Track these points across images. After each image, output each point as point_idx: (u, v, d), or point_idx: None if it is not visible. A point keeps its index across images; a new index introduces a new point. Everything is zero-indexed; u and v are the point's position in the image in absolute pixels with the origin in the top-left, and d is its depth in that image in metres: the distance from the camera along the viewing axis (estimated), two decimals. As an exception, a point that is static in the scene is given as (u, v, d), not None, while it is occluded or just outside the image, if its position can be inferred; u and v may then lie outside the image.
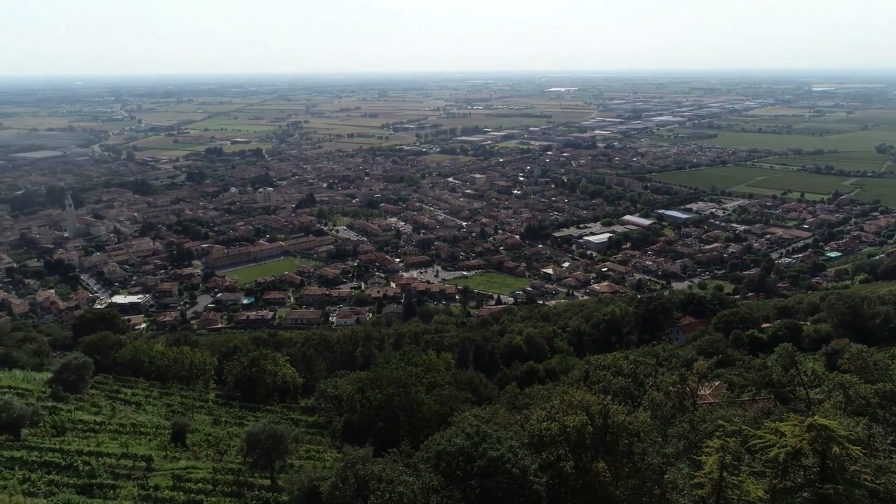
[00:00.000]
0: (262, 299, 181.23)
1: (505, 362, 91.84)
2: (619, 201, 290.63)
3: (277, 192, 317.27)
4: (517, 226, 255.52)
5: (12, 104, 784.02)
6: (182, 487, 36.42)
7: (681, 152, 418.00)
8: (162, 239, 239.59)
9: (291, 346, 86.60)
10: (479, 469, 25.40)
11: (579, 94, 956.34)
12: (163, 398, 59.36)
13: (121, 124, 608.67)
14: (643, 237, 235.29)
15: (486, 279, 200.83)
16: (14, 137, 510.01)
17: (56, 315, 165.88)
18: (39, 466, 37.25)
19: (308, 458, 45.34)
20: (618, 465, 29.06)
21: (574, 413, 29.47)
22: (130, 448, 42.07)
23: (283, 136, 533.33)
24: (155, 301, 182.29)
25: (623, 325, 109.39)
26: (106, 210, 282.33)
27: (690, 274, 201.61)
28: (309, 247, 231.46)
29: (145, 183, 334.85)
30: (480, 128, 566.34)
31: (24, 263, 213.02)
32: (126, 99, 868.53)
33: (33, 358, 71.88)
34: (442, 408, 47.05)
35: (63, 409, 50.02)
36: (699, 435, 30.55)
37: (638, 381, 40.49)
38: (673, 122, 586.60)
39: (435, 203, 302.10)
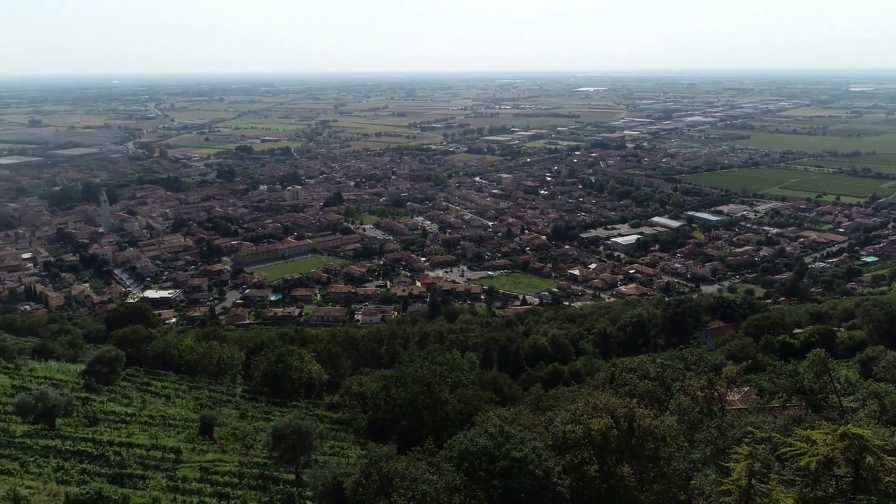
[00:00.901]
0: (289, 296, 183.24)
1: (529, 363, 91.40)
2: (647, 203, 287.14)
3: (305, 191, 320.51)
4: (544, 226, 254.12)
5: (51, 102, 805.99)
6: (209, 480, 37.05)
7: (712, 153, 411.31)
8: (192, 235, 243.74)
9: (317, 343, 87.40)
10: (502, 469, 25.32)
11: (608, 93, 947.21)
12: (191, 392, 60.45)
13: (154, 122, 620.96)
14: (672, 239, 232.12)
15: (512, 279, 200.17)
16: (53, 135, 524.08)
17: (90, 308, 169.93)
18: (72, 455, 38.24)
19: (332, 454, 45.72)
20: (643, 470, 28.71)
21: (599, 416, 29.20)
22: (160, 440, 42.93)
23: (311, 134, 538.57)
24: (185, 296, 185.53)
25: (650, 328, 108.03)
26: (139, 206, 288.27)
27: (720, 277, 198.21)
28: (336, 245, 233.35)
29: (177, 180, 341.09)
30: (508, 127, 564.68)
31: (60, 257, 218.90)
32: (160, 97, 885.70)
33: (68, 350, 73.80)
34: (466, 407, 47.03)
35: (96, 401, 51.27)
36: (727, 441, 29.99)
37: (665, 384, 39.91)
38: (704, 123, 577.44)
39: (461, 202, 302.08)
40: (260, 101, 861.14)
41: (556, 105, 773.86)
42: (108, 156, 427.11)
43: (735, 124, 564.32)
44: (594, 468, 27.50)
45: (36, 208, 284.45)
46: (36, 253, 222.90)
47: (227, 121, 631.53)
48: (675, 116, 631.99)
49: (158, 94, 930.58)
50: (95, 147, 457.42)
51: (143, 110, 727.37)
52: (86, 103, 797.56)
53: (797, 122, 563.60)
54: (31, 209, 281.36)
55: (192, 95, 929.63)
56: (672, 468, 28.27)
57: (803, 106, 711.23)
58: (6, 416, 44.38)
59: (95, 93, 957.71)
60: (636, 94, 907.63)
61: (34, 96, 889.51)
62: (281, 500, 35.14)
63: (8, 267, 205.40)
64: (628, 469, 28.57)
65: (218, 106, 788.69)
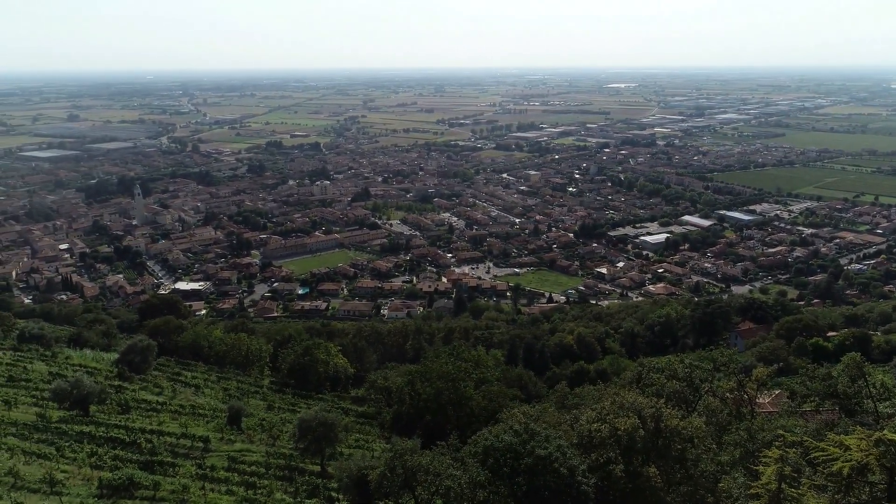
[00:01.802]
0: (316, 290, 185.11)
1: (555, 361, 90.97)
2: (678, 201, 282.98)
3: (334, 186, 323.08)
4: (571, 224, 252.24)
5: (89, 97, 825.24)
6: (237, 469, 37.68)
7: (745, 152, 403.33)
8: (223, 228, 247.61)
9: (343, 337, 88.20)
10: (526, 466, 25.23)
11: (639, 90, 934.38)
12: (220, 382, 61.46)
13: (187, 117, 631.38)
14: (702, 238, 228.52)
15: (538, 277, 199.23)
16: (89, 129, 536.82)
17: (123, 299, 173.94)
18: (106, 442, 39.22)
19: (357, 447, 46.12)
20: (670, 471, 28.36)
21: (625, 415, 28.91)
22: (189, 428, 43.77)
23: (340, 130, 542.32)
24: (215, 288, 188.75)
25: (678, 328, 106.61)
26: (171, 200, 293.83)
27: (752, 278, 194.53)
28: (363, 240, 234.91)
29: (208, 174, 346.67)
30: (536, 124, 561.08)
31: (95, 249, 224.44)
32: (193, 93, 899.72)
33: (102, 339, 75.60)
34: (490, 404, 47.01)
35: (128, 389, 52.50)
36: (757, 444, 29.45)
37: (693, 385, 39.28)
38: (738, 120, 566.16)
39: (488, 199, 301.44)
40: (290, 96, 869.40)
41: (586, 101, 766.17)
42: (143, 150, 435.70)
43: (770, 122, 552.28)
44: (620, 468, 27.22)
45: (73, 200, 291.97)
46: (72, 244, 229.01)
47: (258, 116, 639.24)
48: (707, 114, 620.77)
49: (192, 90, 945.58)
50: (130, 141, 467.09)
51: (176, 105, 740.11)
52: (122, 98, 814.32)
53: (835, 120, 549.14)
54: (68, 201, 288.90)
55: (224, 91, 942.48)
56: (699, 470, 27.86)
57: (841, 104, 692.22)
58: (43, 401, 45.73)
59: (131, 88, 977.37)
60: (668, 91, 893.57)
61: (72, 91, 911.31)
62: (306, 491, 35.57)
63: (46, 257, 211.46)
64: (654, 470, 28.23)
65: (249, 101, 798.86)
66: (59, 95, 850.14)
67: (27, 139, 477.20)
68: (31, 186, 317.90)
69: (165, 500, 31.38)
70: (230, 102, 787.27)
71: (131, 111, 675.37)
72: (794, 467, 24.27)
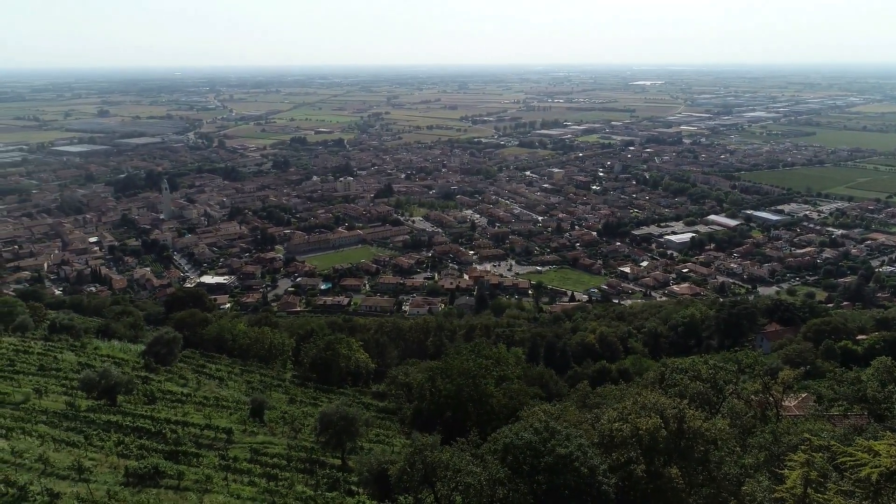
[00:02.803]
0: (338, 285, 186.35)
1: (576, 360, 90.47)
2: (703, 200, 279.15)
3: (357, 182, 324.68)
4: (595, 222, 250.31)
5: (118, 93, 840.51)
6: (259, 461, 38.13)
7: (773, 150, 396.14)
8: (248, 223, 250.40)
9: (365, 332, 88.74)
10: (546, 465, 25.14)
11: (665, 87, 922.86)
12: (243, 375, 62.24)
13: (214, 113, 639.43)
14: (728, 238, 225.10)
15: (561, 275, 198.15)
16: (119, 124, 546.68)
17: (150, 291, 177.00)
18: (132, 431, 39.98)
19: (377, 441, 46.38)
20: (692, 472, 28.05)
21: (647, 415, 28.66)
22: (213, 420, 44.40)
23: (364, 126, 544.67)
24: (239, 283, 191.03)
25: (703, 329, 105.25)
26: (198, 194, 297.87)
27: (779, 279, 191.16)
28: (385, 236, 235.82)
29: (234, 170, 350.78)
30: (560, 121, 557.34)
31: (123, 242, 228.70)
32: (219, 89, 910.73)
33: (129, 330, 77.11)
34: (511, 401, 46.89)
35: (154, 380, 53.46)
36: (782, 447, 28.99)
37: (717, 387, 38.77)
38: (766, 119, 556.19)
39: (511, 196, 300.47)
40: (315, 93, 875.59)
41: (611, 99, 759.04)
42: (170, 145, 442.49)
43: (800, 120, 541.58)
44: (641, 468, 27.01)
45: (102, 194, 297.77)
46: (102, 237, 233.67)
47: (283, 112, 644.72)
48: (735, 112, 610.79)
49: (218, 86, 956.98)
50: (158, 136, 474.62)
51: (203, 101, 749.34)
52: (150, 94, 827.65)
53: (867, 119, 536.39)
54: (98, 195, 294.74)
55: (250, 87, 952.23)
56: (723, 472, 27.53)
57: (875, 102, 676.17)
58: (72, 391, 46.79)
59: (159, 84, 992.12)
60: (695, 89, 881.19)
61: (103, 87, 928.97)
62: (327, 484, 35.84)
63: (76, 250, 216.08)
64: (676, 471, 27.95)
65: (274, 98, 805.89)
66: (90, 91, 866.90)
67: (59, 134, 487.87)
68: (63, 180, 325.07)
69: (189, 490, 31.88)
70: (256, 99, 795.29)
71: (159, 107, 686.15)
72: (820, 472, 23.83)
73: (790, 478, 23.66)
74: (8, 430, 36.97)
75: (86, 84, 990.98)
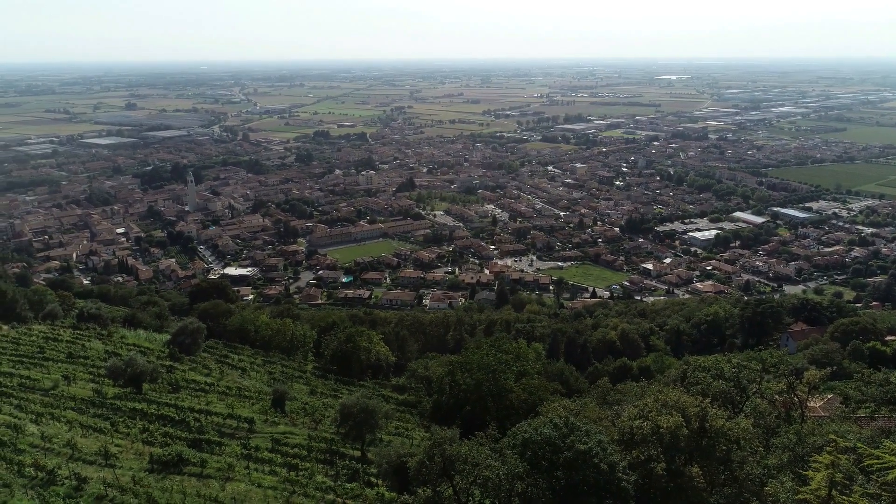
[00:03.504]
0: (360, 278, 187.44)
1: (597, 357, 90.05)
2: (729, 197, 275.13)
3: (379, 176, 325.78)
4: (617, 218, 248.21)
5: (146, 86, 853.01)
6: (280, 450, 38.59)
7: (802, 147, 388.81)
8: (271, 216, 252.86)
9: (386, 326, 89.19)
10: (565, 461, 25.04)
11: (692, 82, 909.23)
12: (265, 366, 62.92)
13: (238, 106, 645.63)
14: (754, 236, 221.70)
15: (582, 271, 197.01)
16: (146, 117, 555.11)
17: (175, 282, 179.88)
18: (157, 419, 40.75)
19: (397, 434, 46.62)
20: (713, 472, 27.73)
21: (669, 413, 28.36)
22: (235, 410, 45.03)
23: (386, 120, 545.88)
24: (262, 274, 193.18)
25: (726, 328, 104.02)
26: (222, 187, 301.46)
27: (806, 278, 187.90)
28: (406, 230, 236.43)
29: (258, 163, 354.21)
30: (584, 116, 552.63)
31: (150, 233, 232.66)
32: (244, 83, 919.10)
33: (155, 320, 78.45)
34: (530, 397, 46.76)
35: (178, 369, 54.33)
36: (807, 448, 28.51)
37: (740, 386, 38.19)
38: (795, 114, 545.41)
39: (533, 191, 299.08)
40: (338, 86, 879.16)
41: (636, 93, 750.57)
42: (196, 138, 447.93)
43: (830, 116, 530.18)
44: (661, 466, 26.74)
45: (129, 186, 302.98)
46: (128, 228, 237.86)
47: (307, 106, 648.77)
48: (763, 107, 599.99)
49: (243, 80, 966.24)
50: (184, 129, 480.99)
51: (228, 95, 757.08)
52: (176, 88, 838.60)
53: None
54: (125, 187, 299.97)
55: (274, 81, 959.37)
56: (745, 472, 27.16)
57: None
58: (100, 378, 47.78)
59: (185, 78, 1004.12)
60: (722, 83, 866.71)
61: (131, 81, 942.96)
62: (346, 475, 36.15)
63: (104, 241, 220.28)
64: (698, 470, 27.65)
65: (298, 91, 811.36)
66: (118, 85, 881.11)
67: (88, 127, 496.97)
68: (92, 172, 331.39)
69: (212, 478, 32.40)
70: (280, 92, 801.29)
71: (185, 100, 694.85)
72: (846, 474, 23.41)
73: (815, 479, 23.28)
74: (38, 415, 37.92)
75: (114, 78, 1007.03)
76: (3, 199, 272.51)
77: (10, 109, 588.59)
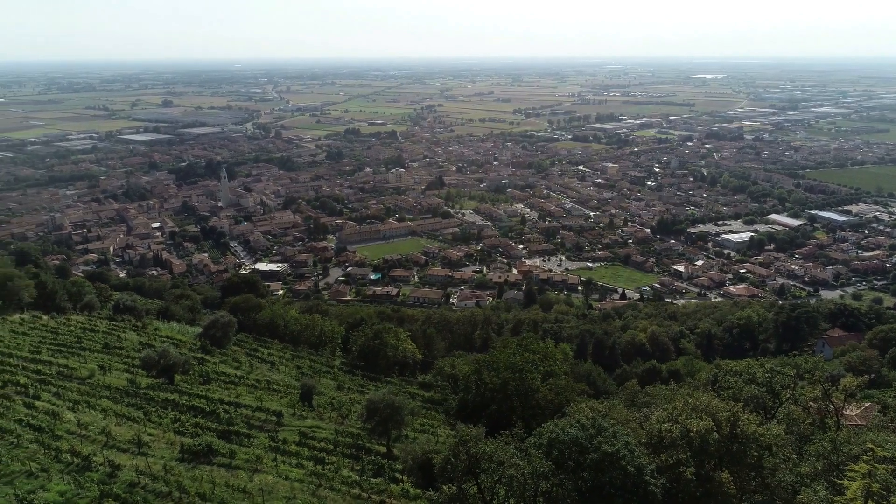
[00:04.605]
0: (388, 276, 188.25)
1: (625, 359, 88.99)
2: (765, 198, 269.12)
3: (408, 174, 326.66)
4: (648, 219, 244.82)
5: (182, 84, 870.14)
6: (307, 444, 39.03)
7: (842, 148, 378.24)
8: (301, 213, 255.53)
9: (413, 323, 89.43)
10: (591, 462, 24.81)
11: (727, 81, 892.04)
12: (294, 360, 63.72)
13: (271, 104, 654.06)
14: (790, 239, 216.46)
15: (612, 272, 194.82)
16: (181, 114, 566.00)
17: (208, 276, 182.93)
18: (188, 410, 41.54)
19: (422, 431, 46.73)
20: (744, 478, 27.18)
21: (699, 417, 27.90)
22: (264, 403, 45.68)
23: (416, 118, 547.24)
24: (292, 270, 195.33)
25: (760, 332, 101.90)
26: (254, 183, 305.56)
27: (843, 283, 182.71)
28: (435, 228, 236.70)
29: (289, 160, 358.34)
30: (616, 115, 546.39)
31: (184, 228, 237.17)
32: (277, 81, 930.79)
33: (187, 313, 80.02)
34: (557, 397, 46.44)
35: (209, 361, 55.32)
36: (842, 457, 27.77)
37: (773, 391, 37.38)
38: (835, 114, 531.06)
39: (563, 191, 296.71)
40: (369, 85, 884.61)
41: (669, 92, 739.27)
42: (229, 135, 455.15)
43: (872, 116, 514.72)
44: (690, 471, 26.31)
45: (165, 181, 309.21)
46: (163, 223, 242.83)
47: (338, 104, 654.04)
48: (801, 107, 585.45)
49: (276, 78, 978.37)
50: (218, 126, 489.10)
51: (261, 93, 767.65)
52: (211, 86, 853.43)
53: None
54: (160, 182, 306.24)
55: (307, 79, 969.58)
56: (777, 479, 26.57)
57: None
58: (134, 368, 48.93)
59: (220, 76, 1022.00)
60: (758, 83, 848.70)
61: (167, 78, 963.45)
62: (372, 470, 36.38)
63: (140, 234, 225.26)
64: (728, 475, 27.14)
65: (330, 89, 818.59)
66: (155, 82, 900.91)
67: (126, 123, 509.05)
68: (129, 168, 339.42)
69: (240, 469, 32.92)
70: (311, 90, 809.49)
71: (220, 98, 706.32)
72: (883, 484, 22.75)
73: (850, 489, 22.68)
74: (74, 403, 39.01)
75: (152, 75, 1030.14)
76: (46, 193, 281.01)
77: (53, 106, 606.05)
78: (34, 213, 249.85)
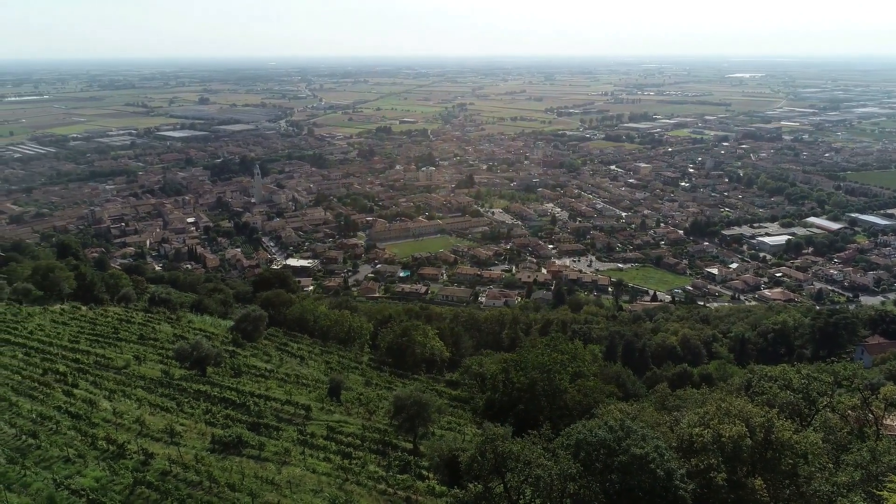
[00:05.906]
0: (416, 274, 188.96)
1: (656, 362, 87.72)
2: (803, 201, 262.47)
3: (438, 172, 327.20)
4: (682, 220, 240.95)
5: (218, 82, 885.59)
6: (335, 438, 39.37)
7: (886, 149, 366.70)
8: (332, 210, 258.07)
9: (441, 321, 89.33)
10: (620, 464, 24.47)
11: (765, 80, 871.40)
12: (323, 355, 64.35)
13: (304, 102, 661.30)
14: (829, 243, 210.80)
15: (643, 273, 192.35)
16: (217, 112, 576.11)
17: (240, 271, 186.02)
18: (219, 401, 42.29)
19: (449, 429, 46.76)
20: (778, 486, 26.51)
21: (731, 422, 27.28)
22: (293, 396, 46.21)
23: (448, 117, 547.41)
24: (322, 266, 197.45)
25: (796, 338, 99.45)
26: (286, 180, 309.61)
27: (885, 288, 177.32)
28: (464, 227, 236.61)
29: (321, 157, 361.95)
30: (650, 114, 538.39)
31: (217, 223, 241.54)
32: (310, 79, 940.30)
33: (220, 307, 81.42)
34: (585, 398, 45.96)
35: (240, 354, 56.23)
36: (882, 467, 26.87)
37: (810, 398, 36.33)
38: (879, 115, 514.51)
39: (594, 191, 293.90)
40: (401, 83, 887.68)
41: (705, 91, 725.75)
42: (263, 132, 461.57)
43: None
44: (722, 476, 25.76)
45: (200, 178, 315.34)
46: (198, 218, 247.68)
47: (370, 102, 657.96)
48: (843, 107, 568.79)
49: (309, 76, 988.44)
50: (252, 124, 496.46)
51: (294, 91, 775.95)
52: (246, 83, 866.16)
53: None
54: (196, 178, 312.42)
55: (339, 77, 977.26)
56: (812, 488, 25.85)
57: None
58: (167, 360, 49.99)
59: (255, 74, 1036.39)
60: (798, 82, 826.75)
61: (204, 76, 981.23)
62: (398, 467, 36.54)
63: (175, 229, 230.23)
64: (761, 482, 26.51)
65: (362, 87, 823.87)
66: (192, 80, 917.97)
67: (164, 120, 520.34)
68: (166, 164, 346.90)
69: (269, 461, 33.38)
70: (344, 88, 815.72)
71: (254, 95, 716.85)
72: (925, 497, 21.94)
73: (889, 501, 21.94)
74: (111, 392, 40.03)
75: (189, 73, 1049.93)
76: (86, 187, 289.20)
77: (94, 103, 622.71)
78: (75, 207, 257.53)
